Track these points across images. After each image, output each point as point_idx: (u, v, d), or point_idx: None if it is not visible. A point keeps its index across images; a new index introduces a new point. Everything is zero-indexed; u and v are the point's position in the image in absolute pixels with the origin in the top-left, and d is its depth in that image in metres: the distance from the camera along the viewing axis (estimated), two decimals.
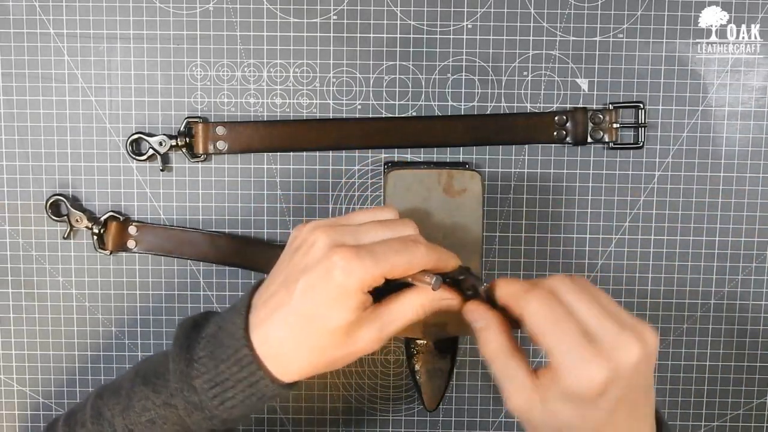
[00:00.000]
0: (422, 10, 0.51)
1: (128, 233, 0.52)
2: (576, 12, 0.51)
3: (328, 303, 0.36)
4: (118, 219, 0.52)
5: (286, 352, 0.37)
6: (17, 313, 0.54)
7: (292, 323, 0.37)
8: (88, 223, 0.51)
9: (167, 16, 0.51)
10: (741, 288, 0.53)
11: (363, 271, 0.36)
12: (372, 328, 0.37)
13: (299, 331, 0.37)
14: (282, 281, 0.38)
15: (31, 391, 0.54)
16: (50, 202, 0.52)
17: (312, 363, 0.38)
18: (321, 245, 0.37)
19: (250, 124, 0.52)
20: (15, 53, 0.52)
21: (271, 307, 0.37)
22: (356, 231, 0.38)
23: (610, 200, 0.53)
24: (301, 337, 0.37)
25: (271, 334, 0.37)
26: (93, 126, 0.52)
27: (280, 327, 0.37)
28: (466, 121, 0.52)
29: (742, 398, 0.54)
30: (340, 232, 0.37)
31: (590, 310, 0.36)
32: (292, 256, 0.38)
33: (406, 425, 0.55)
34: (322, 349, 0.37)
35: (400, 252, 0.37)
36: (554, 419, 0.36)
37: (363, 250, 0.36)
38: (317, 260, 0.36)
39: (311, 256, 0.37)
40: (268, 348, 0.37)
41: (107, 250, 0.52)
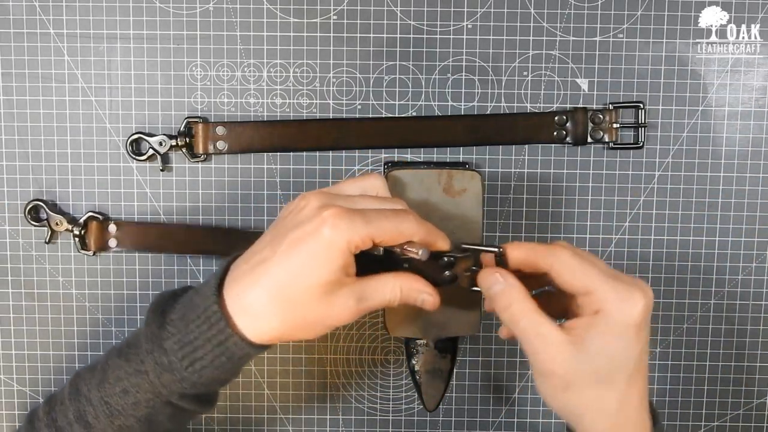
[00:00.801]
0: (422, 10, 0.51)
1: (108, 232, 0.52)
2: (576, 12, 0.51)
3: (312, 257, 0.36)
4: (98, 219, 0.52)
5: (259, 307, 0.37)
6: (17, 313, 0.54)
7: (270, 277, 0.36)
8: (68, 226, 0.51)
9: (167, 16, 0.51)
10: (741, 288, 0.53)
11: (352, 230, 0.36)
12: (350, 297, 0.37)
13: (276, 285, 0.36)
14: (268, 240, 0.37)
15: (31, 391, 0.54)
16: (29, 208, 0.52)
17: (284, 321, 0.37)
18: (312, 206, 0.37)
19: (250, 124, 0.52)
20: (15, 53, 0.52)
21: (252, 263, 0.37)
22: (348, 199, 0.38)
23: (610, 200, 0.53)
24: (276, 291, 0.36)
25: (247, 289, 0.37)
26: (93, 126, 0.52)
27: (257, 281, 0.37)
28: (466, 121, 0.52)
29: (742, 398, 0.54)
30: (332, 197, 0.38)
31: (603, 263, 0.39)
32: (281, 221, 0.38)
33: (406, 425, 0.55)
34: (296, 305, 0.36)
35: (390, 218, 0.37)
36: (593, 364, 0.37)
37: (354, 211, 0.36)
38: (308, 218, 0.36)
39: (302, 215, 0.37)
40: (240, 304, 0.37)
41: (90, 250, 0.52)
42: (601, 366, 0.37)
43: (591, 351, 0.37)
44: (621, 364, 0.38)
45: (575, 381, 0.38)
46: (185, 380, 0.38)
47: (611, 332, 0.37)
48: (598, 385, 0.38)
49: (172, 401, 0.40)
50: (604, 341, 0.37)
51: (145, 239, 0.52)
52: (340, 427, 0.55)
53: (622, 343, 0.37)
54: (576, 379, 0.38)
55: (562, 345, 0.37)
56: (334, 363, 0.54)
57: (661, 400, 0.54)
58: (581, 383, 0.38)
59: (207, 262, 0.53)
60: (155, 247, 0.52)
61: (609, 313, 0.37)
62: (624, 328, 0.37)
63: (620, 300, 0.37)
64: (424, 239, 0.39)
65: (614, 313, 0.37)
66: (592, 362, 0.37)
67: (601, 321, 0.37)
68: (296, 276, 0.36)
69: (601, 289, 0.37)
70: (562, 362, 0.37)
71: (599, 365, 0.37)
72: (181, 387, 0.39)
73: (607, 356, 0.37)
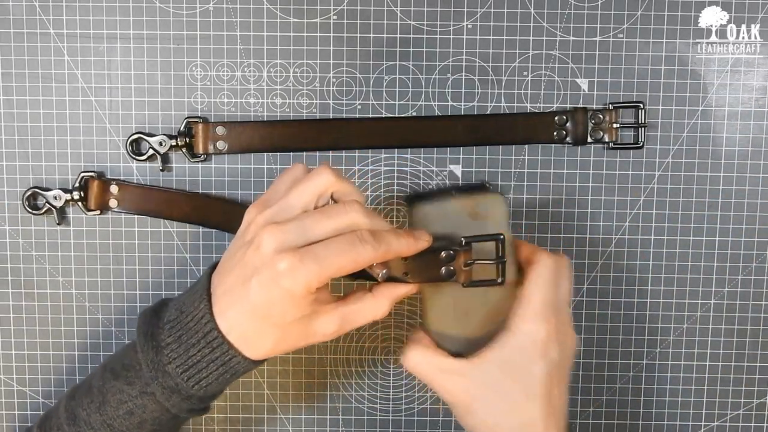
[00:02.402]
0: (422, 10, 0.51)
1: (110, 192, 0.52)
2: (576, 12, 0.51)
3: (280, 303, 0.38)
4: (93, 177, 0.52)
5: (250, 337, 0.39)
6: (17, 313, 0.54)
7: (252, 317, 0.39)
8: (67, 195, 0.51)
9: (167, 16, 0.51)
10: (741, 288, 0.53)
11: (308, 277, 0.37)
12: (331, 321, 0.40)
13: (259, 323, 0.39)
14: (238, 277, 0.39)
15: (31, 391, 0.54)
16: (26, 196, 0.52)
17: (276, 346, 0.40)
18: (268, 249, 0.38)
19: (250, 124, 0.52)
20: (15, 53, 0.52)
21: (231, 300, 0.39)
22: (301, 229, 0.38)
23: (610, 200, 0.53)
24: (262, 327, 0.39)
25: (235, 323, 0.39)
26: (93, 126, 0.52)
27: (242, 318, 0.39)
28: (466, 121, 0.52)
29: (742, 398, 0.54)
30: (285, 232, 0.38)
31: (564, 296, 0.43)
32: (244, 250, 0.39)
33: (406, 425, 0.55)
34: (282, 337, 0.39)
35: (346, 252, 0.37)
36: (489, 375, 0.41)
37: (307, 255, 0.37)
38: (264, 264, 0.38)
39: (259, 257, 0.38)
40: (234, 334, 0.39)
41: (95, 210, 0.52)
42: (496, 377, 0.40)
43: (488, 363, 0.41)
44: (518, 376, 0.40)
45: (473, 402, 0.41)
46: (192, 397, 0.41)
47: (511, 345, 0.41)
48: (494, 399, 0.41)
49: (180, 416, 0.42)
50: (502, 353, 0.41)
51: (146, 203, 0.52)
52: (340, 427, 0.55)
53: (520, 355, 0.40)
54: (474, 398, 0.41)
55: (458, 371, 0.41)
56: (334, 363, 0.54)
57: (661, 400, 0.54)
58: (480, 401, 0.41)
59: (207, 260, 0.53)
60: (155, 211, 0.52)
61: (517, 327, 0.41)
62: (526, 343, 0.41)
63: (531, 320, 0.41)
64: (384, 259, 0.40)
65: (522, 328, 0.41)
66: (488, 374, 0.41)
67: (508, 334, 0.41)
68: (272, 317, 0.38)
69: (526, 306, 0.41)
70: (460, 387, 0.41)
71: (494, 377, 0.40)
72: (190, 404, 0.41)
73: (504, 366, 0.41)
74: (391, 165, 0.53)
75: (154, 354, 0.40)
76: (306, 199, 0.39)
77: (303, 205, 0.39)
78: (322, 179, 0.40)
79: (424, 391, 0.55)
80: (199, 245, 0.53)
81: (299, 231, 0.38)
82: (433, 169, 0.53)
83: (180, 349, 0.40)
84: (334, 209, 0.39)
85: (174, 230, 0.53)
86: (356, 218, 0.39)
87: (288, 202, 0.39)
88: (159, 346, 0.40)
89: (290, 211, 0.39)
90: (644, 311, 0.54)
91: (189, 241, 0.53)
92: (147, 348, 0.40)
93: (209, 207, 0.52)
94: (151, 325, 0.41)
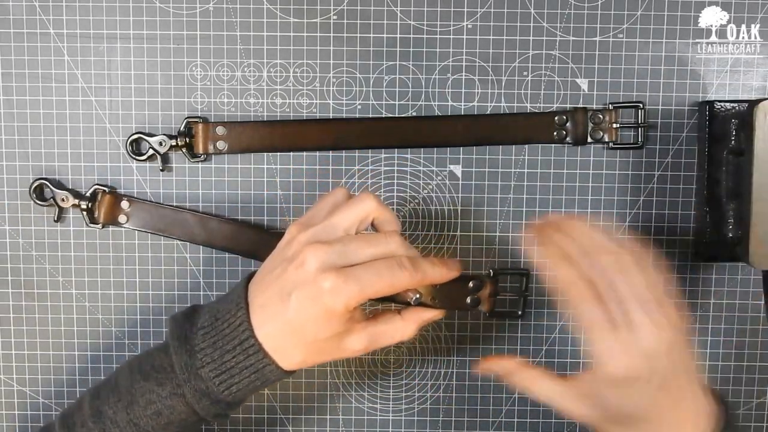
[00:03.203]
0: (422, 10, 0.51)
1: (120, 207, 0.52)
2: (576, 12, 0.51)
3: (318, 319, 0.40)
4: (104, 191, 0.52)
5: (285, 349, 0.41)
6: (17, 313, 0.54)
7: (289, 330, 0.40)
8: (75, 201, 0.51)
9: (167, 16, 0.51)
10: (741, 288, 0.53)
11: (348, 296, 0.39)
12: (361, 339, 0.41)
13: (295, 337, 0.40)
14: (277, 291, 0.41)
15: (31, 391, 0.54)
16: (34, 186, 0.52)
17: (309, 359, 0.42)
18: (311, 267, 0.39)
19: (250, 124, 0.52)
20: (15, 53, 0.52)
21: (269, 314, 0.41)
22: (344, 252, 0.40)
23: (610, 200, 0.53)
24: (297, 341, 0.41)
25: (271, 335, 0.41)
26: (93, 126, 0.52)
27: (279, 331, 0.41)
28: (466, 121, 0.52)
29: (742, 398, 0.54)
30: (329, 252, 0.40)
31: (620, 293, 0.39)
32: (285, 266, 0.41)
33: (406, 425, 0.55)
34: (316, 351, 0.41)
35: (386, 276, 0.40)
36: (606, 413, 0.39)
37: (350, 277, 0.39)
38: (307, 281, 0.39)
39: (302, 274, 0.40)
40: (268, 345, 0.41)
41: (98, 224, 0.52)
42: (614, 414, 0.39)
43: (598, 404, 0.40)
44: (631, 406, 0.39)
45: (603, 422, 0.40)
46: (221, 402, 0.42)
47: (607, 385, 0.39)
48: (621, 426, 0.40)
49: (206, 420, 0.43)
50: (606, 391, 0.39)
51: (157, 222, 0.52)
52: (340, 427, 0.55)
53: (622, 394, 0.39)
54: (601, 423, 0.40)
55: (576, 400, 0.40)
56: (334, 363, 0.54)
57: None
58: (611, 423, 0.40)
59: (206, 269, 0.53)
60: (165, 231, 0.52)
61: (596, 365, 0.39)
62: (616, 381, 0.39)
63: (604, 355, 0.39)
64: (420, 285, 0.42)
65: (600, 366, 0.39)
66: (605, 411, 0.40)
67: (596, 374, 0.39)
68: (308, 332, 0.40)
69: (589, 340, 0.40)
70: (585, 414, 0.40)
71: (611, 414, 0.39)
72: (217, 408, 0.43)
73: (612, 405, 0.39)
74: (391, 165, 0.53)
75: (188, 357, 0.41)
76: (349, 222, 0.41)
77: (346, 228, 0.41)
78: (366, 205, 0.42)
79: (424, 391, 0.55)
80: (199, 246, 0.53)
81: (342, 253, 0.40)
82: (433, 169, 0.53)
83: (214, 354, 0.41)
84: (376, 238, 0.41)
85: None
86: (395, 249, 0.41)
87: (331, 223, 0.41)
88: (193, 350, 0.41)
89: (333, 233, 0.41)
90: None
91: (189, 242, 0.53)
92: (181, 351, 0.42)
93: (220, 230, 0.52)
94: (184, 330, 0.42)
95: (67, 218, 0.53)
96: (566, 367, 0.54)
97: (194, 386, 0.41)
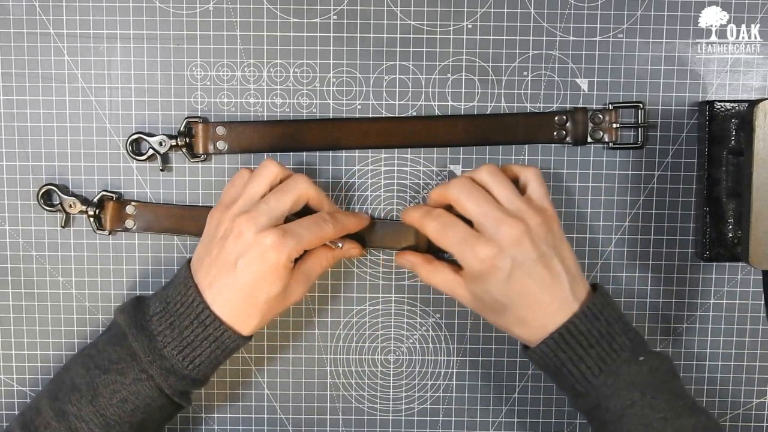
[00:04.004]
0: (422, 10, 0.51)
1: (126, 212, 0.52)
2: (576, 12, 0.51)
3: (266, 277, 0.44)
4: (111, 198, 0.52)
5: (240, 317, 0.45)
6: (17, 313, 0.54)
7: (242, 297, 0.44)
8: (82, 207, 0.51)
9: (167, 16, 0.51)
10: (741, 288, 0.53)
11: (290, 248, 0.44)
12: (300, 283, 0.47)
13: (248, 301, 0.44)
14: (222, 265, 0.44)
15: (31, 392, 0.54)
16: (42, 192, 0.52)
17: (264, 319, 0.46)
18: (249, 233, 0.44)
19: (250, 124, 0.52)
20: (15, 53, 0.52)
21: (219, 288, 0.44)
22: (269, 210, 0.45)
23: (610, 200, 0.53)
24: (250, 305, 0.45)
25: (225, 308, 0.45)
26: (93, 126, 0.52)
27: (232, 301, 0.44)
28: (466, 121, 0.52)
29: (742, 398, 0.54)
30: (259, 216, 0.44)
31: (479, 206, 0.45)
32: (222, 243, 0.45)
33: (406, 425, 0.55)
34: (267, 309, 0.45)
35: (313, 230, 0.46)
36: (479, 298, 0.46)
37: (287, 231, 0.44)
38: (249, 245, 0.44)
39: (242, 242, 0.44)
40: (224, 314, 0.45)
41: (105, 230, 0.52)
42: (486, 302, 0.45)
43: (471, 290, 0.46)
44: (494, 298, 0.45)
45: (484, 311, 0.47)
46: (186, 378, 0.45)
47: (473, 280, 0.45)
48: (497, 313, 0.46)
49: (174, 400, 0.46)
50: (474, 285, 0.45)
51: (165, 221, 0.52)
52: (340, 427, 0.55)
53: (484, 285, 0.45)
54: (483, 310, 0.47)
55: (457, 287, 0.47)
56: (334, 363, 0.54)
57: None
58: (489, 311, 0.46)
59: None
60: (174, 228, 0.52)
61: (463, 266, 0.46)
62: (477, 274, 0.45)
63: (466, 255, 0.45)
64: (340, 234, 0.48)
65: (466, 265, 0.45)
66: (478, 298, 0.46)
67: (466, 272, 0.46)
68: (258, 293, 0.44)
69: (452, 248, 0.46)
70: (466, 296, 0.46)
71: (485, 301, 0.46)
72: (183, 384, 0.45)
73: (482, 296, 0.45)
74: (391, 165, 0.53)
75: (149, 341, 0.44)
76: (262, 189, 0.46)
77: (261, 194, 0.46)
78: (270, 169, 0.47)
79: (424, 392, 0.55)
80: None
81: (268, 212, 0.45)
82: (433, 169, 0.53)
83: (173, 333, 0.44)
84: (286, 184, 0.46)
85: None
86: (305, 186, 0.47)
87: (248, 194, 0.46)
88: (152, 334, 0.45)
89: (253, 200, 0.46)
90: (644, 311, 0.54)
91: (189, 241, 0.53)
92: (141, 337, 0.44)
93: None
94: (137, 319, 0.45)
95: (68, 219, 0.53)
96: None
97: (160, 365, 0.44)
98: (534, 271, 0.44)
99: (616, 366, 0.43)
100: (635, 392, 0.43)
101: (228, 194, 0.47)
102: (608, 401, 0.43)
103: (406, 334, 0.54)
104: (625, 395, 0.43)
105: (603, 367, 0.43)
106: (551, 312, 0.44)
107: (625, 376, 0.43)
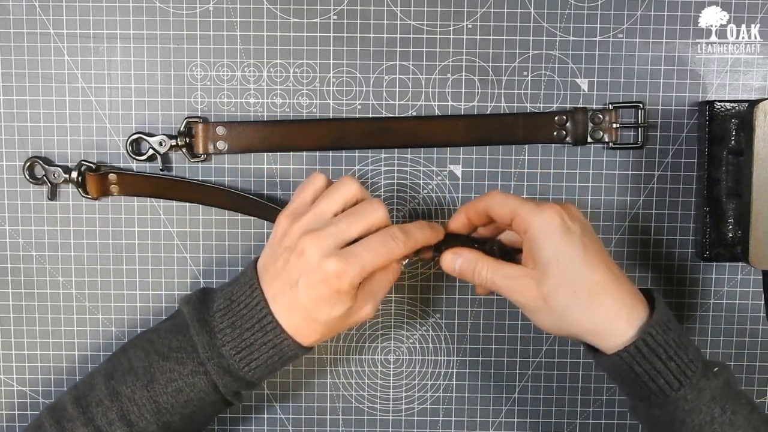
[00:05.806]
0: (422, 10, 0.51)
1: (108, 180, 0.52)
2: (576, 12, 0.51)
3: (327, 300, 0.43)
4: (90, 167, 0.51)
5: (299, 328, 0.44)
6: (17, 313, 0.54)
7: (304, 315, 0.43)
8: (65, 176, 0.51)
9: (167, 16, 0.51)
10: (741, 287, 0.53)
11: (352, 275, 0.42)
12: (368, 303, 0.45)
13: (310, 320, 0.43)
14: (285, 281, 0.43)
15: (31, 391, 0.54)
16: (27, 165, 0.51)
17: (323, 335, 0.44)
18: (313, 256, 0.42)
19: (250, 124, 0.52)
20: (15, 53, 0.52)
21: (282, 304, 0.43)
22: (337, 233, 0.43)
23: (610, 200, 0.53)
24: (311, 323, 0.43)
25: (286, 319, 0.43)
26: (93, 126, 0.52)
27: (294, 316, 0.43)
28: (466, 121, 0.52)
29: None
30: (325, 238, 0.43)
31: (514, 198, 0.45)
32: (287, 257, 0.43)
33: (406, 425, 0.55)
34: (329, 328, 0.44)
35: (381, 252, 0.43)
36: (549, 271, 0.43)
37: (350, 257, 0.42)
38: (312, 268, 0.42)
39: (305, 263, 0.42)
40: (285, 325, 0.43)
41: (91, 196, 0.52)
42: (555, 270, 0.42)
43: (542, 264, 0.43)
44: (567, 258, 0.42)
45: (550, 297, 0.43)
46: (241, 379, 0.45)
47: (542, 238, 0.43)
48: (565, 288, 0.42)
49: (227, 398, 0.45)
50: (543, 249, 0.43)
51: (146, 187, 0.52)
52: (340, 427, 0.55)
53: (553, 243, 0.42)
54: (550, 295, 0.43)
55: (524, 276, 0.44)
56: (334, 363, 0.54)
57: None
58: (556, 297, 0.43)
59: (207, 279, 0.53)
60: (156, 194, 0.52)
61: (531, 225, 0.43)
62: (548, 231, 0.42)
63: (532, 213, 0.43)
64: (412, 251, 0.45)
65: (534, 223, 0.43)
66: (548, 271, 0.43)
67: (531, 236, 0.43)
68: (320, 313, 0.43)
69: (520, 208, 0.43)
70: (532, 288, 0.43)
71: (553, 270, 0.42)
72: (237, 385, 0.45)
73: (554, 259, 0.42)
74: (391, 165, 0.53)
75: (209, 337, 0.44)
76: (335, 208, 0.44)
77: (334, 212, 0.44)
78: (349, 188, 0.45)
79: (424, 392, 0.55)
80: (199, 245, 0.53)
81: (336, 234, 0.43)
82: (433, 169, 0.53)
83: (234, 333, 0.44)
84: (362, 208, 0.44)
85: (174, 230, 0.53)
86: (382, 213, 0.44)
87: (320, 210, 0.44)
88: (213, 331, 0.44)
89: (323, 218, 0.44)
90: None
91: (189, 241, 0.53)
92: (202, 332, 0.44)
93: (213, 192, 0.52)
94: (201, 312, 0.45)
95: (68, 217, 0.53)
96: (566, 367, 0.54)
97: (217, 363, 0.44)
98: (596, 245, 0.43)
99: (696, 379, 0.42)
100: (716, 408, 0.41)
101: (299, 198, 0.46)
102: (685, 416, 0.42)
103: (406, 334, 0.54)
104: (705, 411, 0.41)
105: (684, 381, 0.42)
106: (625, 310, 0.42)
107: (706, 391, 0.41)
